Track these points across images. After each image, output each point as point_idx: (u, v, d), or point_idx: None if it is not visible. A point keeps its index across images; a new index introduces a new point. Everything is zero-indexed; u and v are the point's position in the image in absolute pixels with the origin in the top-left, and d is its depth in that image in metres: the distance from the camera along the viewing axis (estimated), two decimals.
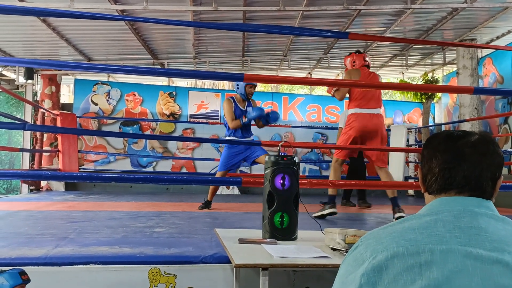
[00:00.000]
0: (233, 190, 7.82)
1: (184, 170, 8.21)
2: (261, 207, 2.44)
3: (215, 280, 2.21)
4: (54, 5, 4.95)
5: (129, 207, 4.97)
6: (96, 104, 8.14)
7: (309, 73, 9.43)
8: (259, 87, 16.32)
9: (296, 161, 2.43)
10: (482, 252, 0.82)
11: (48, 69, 7.88)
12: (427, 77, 9.08)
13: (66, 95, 11.83)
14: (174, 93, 8.42)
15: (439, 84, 8.78)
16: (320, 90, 15.06)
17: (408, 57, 8.66)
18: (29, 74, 7.83)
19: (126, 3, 5.57)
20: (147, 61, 8.24)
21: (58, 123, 7.19)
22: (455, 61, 7.57)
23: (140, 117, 8.19)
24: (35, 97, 8.19)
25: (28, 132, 7.93)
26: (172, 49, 7.93)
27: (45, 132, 7.62)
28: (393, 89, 10.53)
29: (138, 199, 6.04)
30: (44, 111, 7.29)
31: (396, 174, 6.17)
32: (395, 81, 9.87)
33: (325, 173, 8.36)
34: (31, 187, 7.53)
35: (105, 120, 8.16)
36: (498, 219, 0.89)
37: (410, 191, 8.10)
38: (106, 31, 6.77)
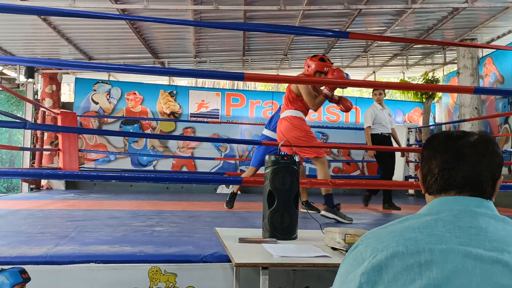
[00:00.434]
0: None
1: (185, 169, 8.21)
2: (261, 206, 2.44)
3: (215, 279, 2.21)
4: (55, 4, 4.95)
5: (130, 206, 4.97)
6: (97, 103, 8.15)
7: None
8: (260, 86, 16.32)
9: (296, 161, 2.43)
10: (482, 252, 0.82)
11: (49, 68, 7.88)
12: (428, 77, 9.08)
13: (67, 94, 11.84)
14: (175, 92, 8.42)
15: (440, 84, 8.78)
16: None
17: (409, 57, 8.65)
18: (30, 73, 7.84)
19: (127, 2, 5.57)
20: (148, 60, 8.24)
21: (59, 122, 7.20)
22: (456, 61, 7.57)
23: (141, 116, 8.20)
24: (36, 96, 8.19)
25: (29, 131, 7.94)
26: (173, 48, 7.93)
27: (46, 131, 7.63)
28: (394, 89, 10.52)
29: (139, 198, 6.05)
30: (45, 110, 7.30)
31: (397, 174, 6.17)
32: (396, 81, 9.86)
33: None
34: (32, 186, 7.53)
35: (106, 119, 8.16)
36: (498, 219, 0.89)
37: (410, 191, 8.11)
38: (107, 30, 6.77)
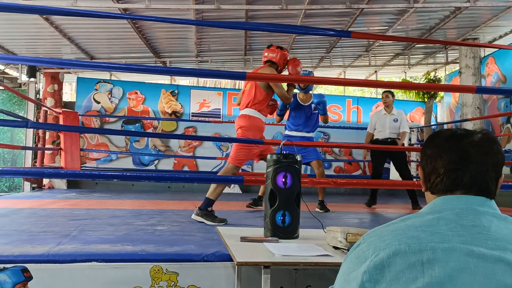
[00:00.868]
0: (235, 189, 7.82)
1: (186, 169, 8.21)
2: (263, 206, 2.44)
3: (217, 278, 2.21)
4: (57, 3, 4.96)
5: (131, 205, 4.98)
6: (98, 102, 8.16)
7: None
8: None
9: (298, 160, 2.43)
10: (485, 251, 0.81)
11: (51, 67, 7.89)
12: (430, 76, 9.07)
13: (69, 93, 11.85)
14: (176, 92, 8.42)
15: (442, 83, 8.77)
16: (322, 89, 15.05)
17: (411, 56, 8.64)
18: (32, 72, 7.85)
19: (129, 2, 5.58)
20: (149, 60, 8.24)
21: (61, 121, 7.21)
22: (458, 60, 7.55)
23: (142, 116, 8.21)
24: (38, 95, 8.20)
25: (31, 130, 7.95)
26: (175, 48, 7.93)
27: (48, 130, 7.63)
28: (396, 88, 10.45)
29: (140, 197, 6.06)
30: (47, 109, 7.30)
31: (397, 174, 6.13)
32: (398, 80, 9.85)
33: (327, 172, 8.33)
34: (34, 185, 7.54)
35: (107, 118, 8.17)
36: (501, 218, 0.89)
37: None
38: (109, 30, 6.77)
